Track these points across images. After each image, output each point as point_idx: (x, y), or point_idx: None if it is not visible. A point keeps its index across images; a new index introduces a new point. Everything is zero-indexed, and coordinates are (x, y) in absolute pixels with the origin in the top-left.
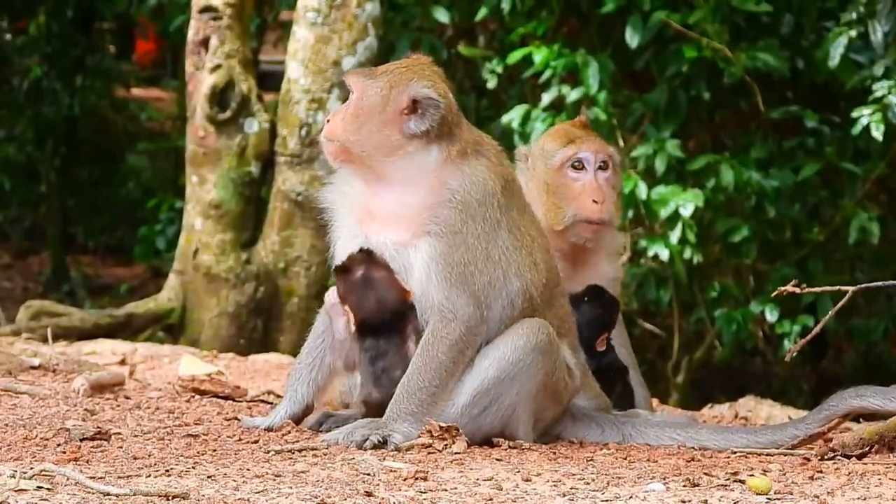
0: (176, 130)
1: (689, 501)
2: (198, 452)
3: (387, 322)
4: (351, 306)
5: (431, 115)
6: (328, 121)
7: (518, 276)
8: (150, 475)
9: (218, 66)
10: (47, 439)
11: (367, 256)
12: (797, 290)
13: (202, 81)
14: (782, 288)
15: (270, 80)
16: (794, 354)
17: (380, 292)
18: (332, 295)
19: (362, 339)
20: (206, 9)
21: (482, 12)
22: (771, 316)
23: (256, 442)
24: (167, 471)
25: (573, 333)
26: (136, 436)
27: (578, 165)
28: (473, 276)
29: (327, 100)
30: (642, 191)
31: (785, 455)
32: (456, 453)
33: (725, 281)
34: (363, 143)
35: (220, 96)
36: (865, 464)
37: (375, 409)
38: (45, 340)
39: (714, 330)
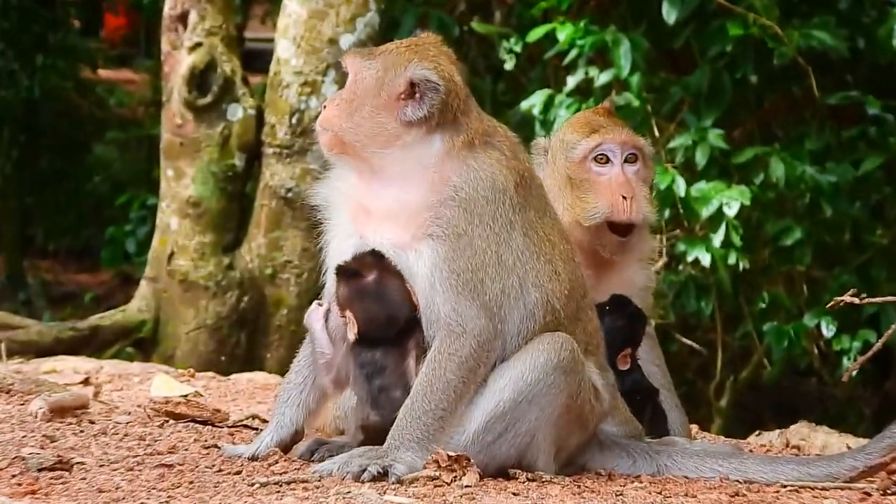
0: (149, 117)
1: None
2: (172, 485)
3: (387, 338)
4: (356, 314)
5: (430, 100)
6: (324, 107)
7: (536, 285)
8: None
9: (198, 45)
10: (0, 469)
11: (378, 259)
12: (856, 300)
13: (180, 62)
14: (839, 298)
15: (257, 61)
16: (854, 374)
17: (391, 301)
18: (313, 304)
19: (358, 352)
20: None
21: None
22: (827, 330)
23: (239, 473)
24: None
25: (601, 351)
26: (101, 466)
27: (602, 159)
28: (483, 283)
29: (322, 83)
30: (681, 187)
31: (842, 489)
32: (466, 486)
33: (775, 290)
34: (356, 132)
35: (199, 79)
36: None
37: (374, 434)
38: None
39: (762, 346)
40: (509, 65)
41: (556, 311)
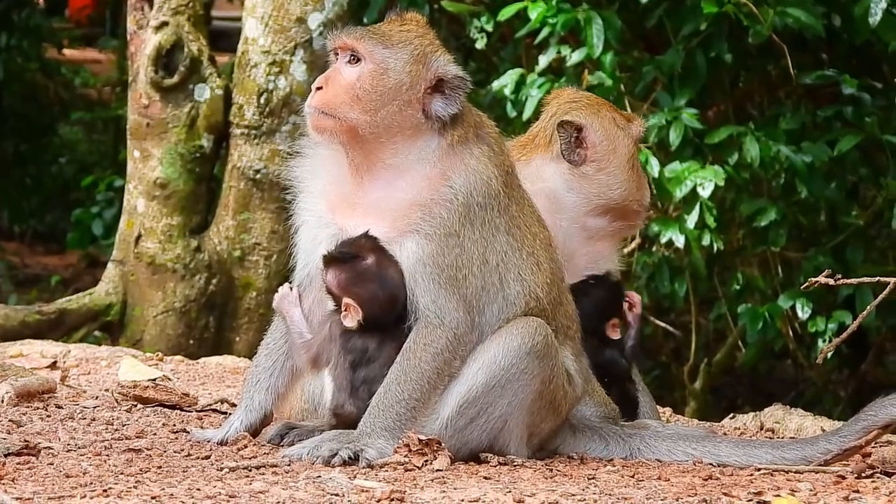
0: (115, 98)
1: None
2: (140, 470)
3: (388, 323)
4: (358, 299)
5: (459, 98)
6: (319, 88)
7: (518, 279)
8: (85, 496)
9: (164, 24)
10: None
11: (373, 242)
12: (831, 281)
13: (146, 41)
14: (814, 279)
15: (225, 40)
16: (829, 356)
17: (392, 282)
18: (283, 288)
19: (348, 338)
20: None
21: None
22: (803, 312)
23: (208, 457)
24: (105, 491)
25: (579, 336)
26: (69, 451)
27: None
28: (466, 279)
29: (290, 63)
30: (654, 168)
31: (816, 472)
32: (438, 470)
33: (750, 272)
34: (377, 124)
35: (166, 59)
36: None
37: (346, 423)
38: None
39: (737, 329)
40: (480, 44)
41: (539, 298)
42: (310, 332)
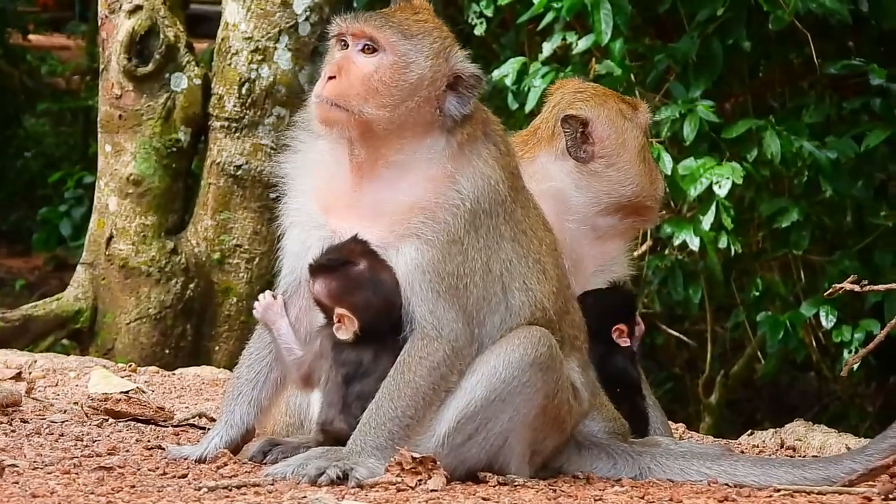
0: (85, 87)
1: None
2: (112, 489)
3: (384, 333)
4: (353, 308)
5: (472, 97)
6: (331, 77)
7: (523, 289)
8: None
9: (137, 8)
10: None
11: (363, 246)
12: (857, 287)
13: (118, 26)
14: (838, 285)
15: (203, 26)
16: (855, 368)
17: (388, 288)
18: (265, 296)
19: (340, 350)
20: None
21: None
22: (827, 321)
23: (185, 476)
24: None
25: (586, 347)
26: (35, 468)
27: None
28: (467, 288)
29: (274, 50)
30: (667, 164)
31: (840, 493)
32: (432, 491)
33: (770, 277)
34: (394, 121)
35: (140, 45)
36: None
37: (335, 440)
38: None
39: (756, 338)
40: (479, 30)
41: (545, 308)
42: (300, 346)
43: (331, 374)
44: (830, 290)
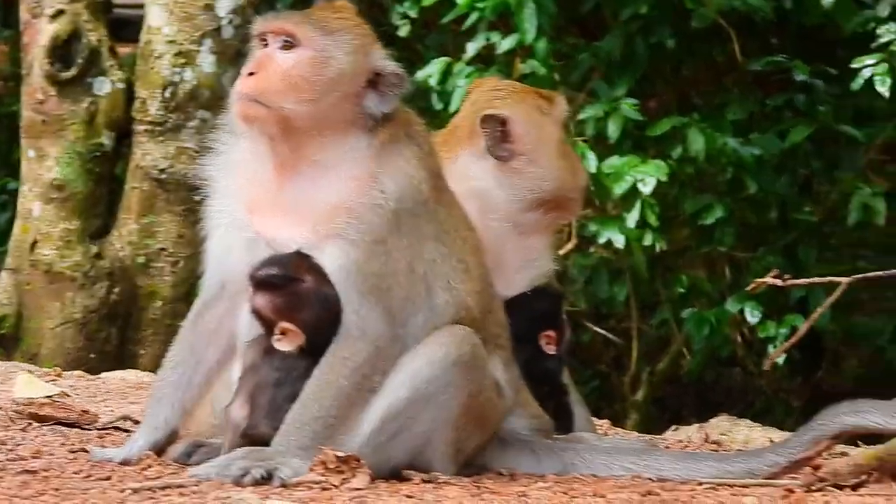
0: (8, 93)
1: None
2: (36, 492)
3: (327, 344)
4: (300, 324)
5: (394, 96)
6: (251, 73)
7: (447, 288)
8: None
9: (60, 13)
10: None
11: (308, 260)
12: (780, 282)
13: (40, 31)
14: (761, 280)
15: (126, 30)
16: (779, 361)
17: (334, 303)
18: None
19: (273, 356)
20: None
21: None
22: (752, 317)
23: (109, 478)
24: None
25: (510, 345)
26: None
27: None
28: (391, 289)
29: (197, 54)
30: (591, 162)
31: (763, 486)
32: (357, 489)
33: (695, 273)
34: (313, 118)
35: (62, 50)
36: (862, 496)
37: (255, 444)
38: None
39: (681, 335)
40: (403, 31)
41: (469, 307)
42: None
43: (261, 377)
44: (753, 285)
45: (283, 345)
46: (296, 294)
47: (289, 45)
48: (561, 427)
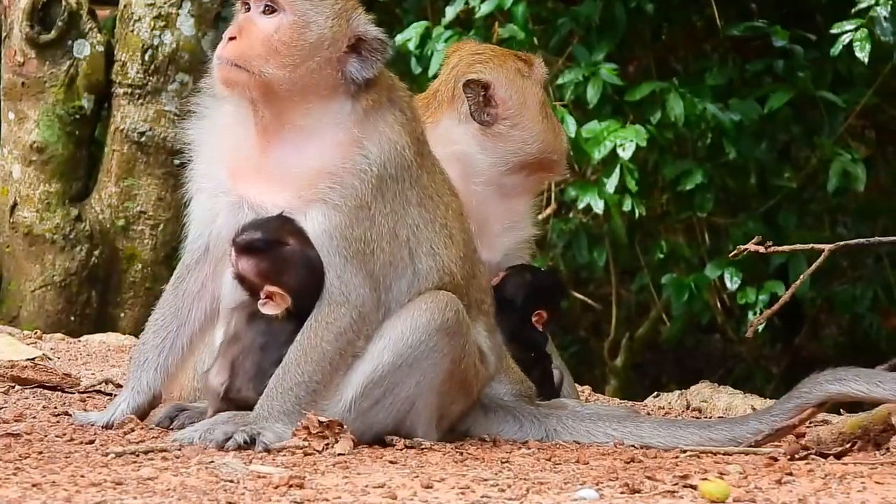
0: None
1: None
2: (19, 455)
3: (311, 308)
4: (286, 287)
5: (376, 61)
6: (232, 38)
7: (430, 253)
8: None
9: None
10: None
11: (292, 224)
12: (761, 248)
13: None
14: (743, 247)
15: None
16: (759, 329)
17: (318, 267)
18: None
19: (258, 320)
20: None
21: None
22: (731, 283)
23: (92, 442)
24: None
25: (493, 311)
26: None
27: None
28: (374, 254)
29: (176, 17)
30: (571, 127)
31: (746, 454)
32: (339, 454)
33: (674, 239)
34: (295, 82)
35: (42, 12)
36: (845, 464)
37: (238, 409)
38: None
39: (661, 301)
40: None
41: (453, 273)
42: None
43: (246, 342)
44: (735, 252)
45: (269, 308)
46: (280, 257)
47: (270, 9)
48: (545, 393)
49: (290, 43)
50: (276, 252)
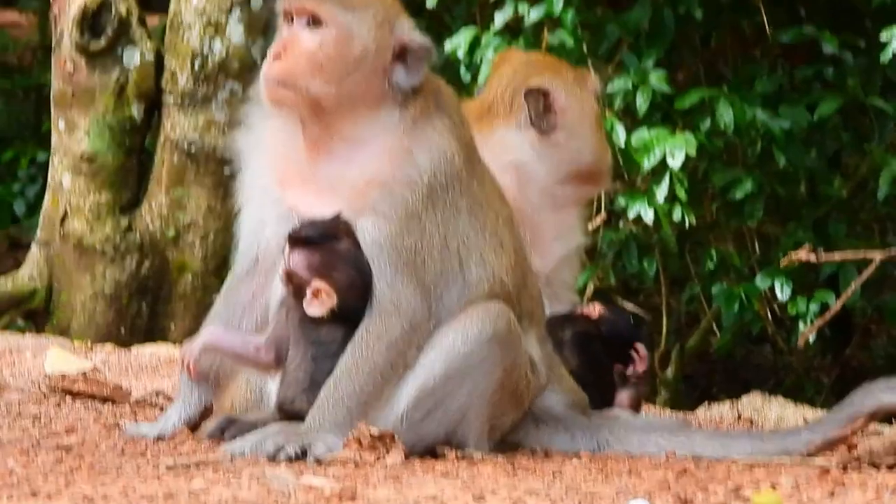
0: (37, 64)
1: None
2: (71, 468)
3: (357, 313)
4: (334, 283)
5: (421, 68)
6: (277, 56)
7: (480, 263)
8: (11, 497)
9: None
10: None
11: (346, 225)
12: (812, 257)
13: (70, 2)
14: (793, 254)
15: (155, 0)
16: (810, 340)
17: (367, 268)
18: (192, 346)
19: (310, 327)
20: None
21: None
22: (782, 293)
23: (143, 454)
24: (33, 492)
25: (543, 321)
26: None
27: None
28: (425, 264)
29: (227, 24)
30: (620, 135)
31: (799, 465)
32: (391, 466)
33: (725, 248)
34: (342, 97)
35: (92, 20)
36: None
37: (291, 419)
38: None
39: (711, 311)
40: (431, 2)
41: (504, 282)
42: (254, 332)
43: (298, 352)
44: (785, 260)
45: (314, 308)
46: (332, 252)
47: (313, 22)
48: (602, 401)
49: (334, 58)
50: (329, 246)
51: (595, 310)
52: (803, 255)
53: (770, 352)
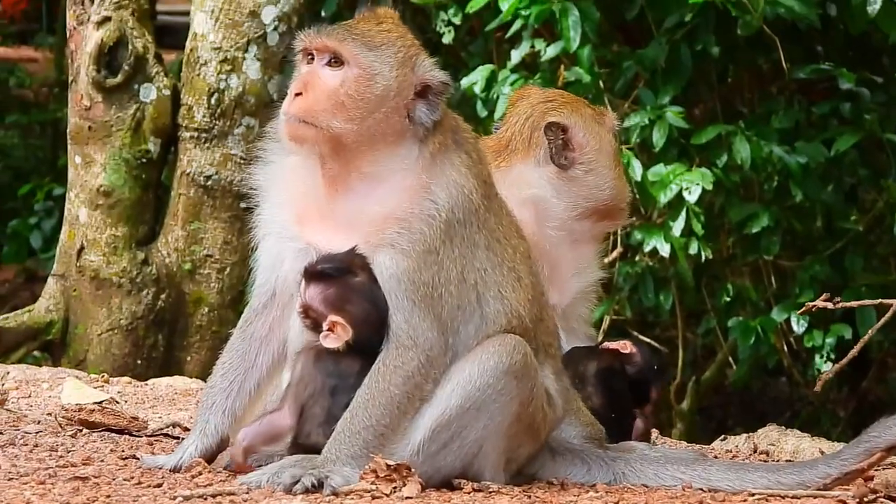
0: (54, 99)
1: None
2: (88, 499)
3: (373, 347)
4: (349, 317)
5: (440, 104)
6: (297, 93)
7: (497, 297)
8: None
9: (106, 19)
10: None
11: (362, 259)
12: (829, 304)
13: (86, 38)
14: (811, 303)
15: (172, 36)
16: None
17: (383, 303)
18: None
19: (326, 361)
20: None
21: None
22: (798, 326)
23: (160, 486)
24: None
25: (560, 354)
26: (10, 479)
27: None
28: (442, 297)
29: (243, 60)
30: (637, 170)
31: (815, 497)
32: (407, 498)
33: (741, 282)
34: (363, 134)
35: (109, 56)
36: None
37: (307, 452)
38: None
39: (727, 344)
40: (448, 38)
41: (521, 316)
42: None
43: (315, 387)
44: (804, 309)
45: (331, 341)
46: (348, 286)
47: (335, 62)
48: (620, 435)
49: (356, 97)
50: (344, 280)
51: (627, 347)
52: (821, 303)
53: (786, 384)
